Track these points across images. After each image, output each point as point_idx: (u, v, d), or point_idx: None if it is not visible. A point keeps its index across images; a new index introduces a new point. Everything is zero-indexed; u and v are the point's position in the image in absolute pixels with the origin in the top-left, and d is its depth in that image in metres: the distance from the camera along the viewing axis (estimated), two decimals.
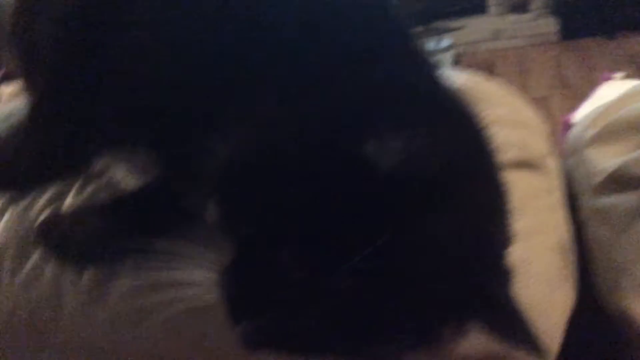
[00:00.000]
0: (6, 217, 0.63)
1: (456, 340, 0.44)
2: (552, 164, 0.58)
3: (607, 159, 0.52)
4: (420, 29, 0.52)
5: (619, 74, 1.35)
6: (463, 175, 0.41)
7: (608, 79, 1.30)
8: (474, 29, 3.17)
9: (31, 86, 0.63)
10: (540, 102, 2.19)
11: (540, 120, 0.62)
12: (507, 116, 0.59)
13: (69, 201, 0.62)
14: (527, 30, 3.18)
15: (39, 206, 0.62)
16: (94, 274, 0.57)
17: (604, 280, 0.46)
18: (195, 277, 0.45)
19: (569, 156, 0.62)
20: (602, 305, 0.46)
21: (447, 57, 2.58)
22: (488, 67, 2.70)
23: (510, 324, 0.42)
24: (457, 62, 2.69)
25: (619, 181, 0.49)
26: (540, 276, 0.47)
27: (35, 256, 0.59)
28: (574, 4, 3.04)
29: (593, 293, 0.48)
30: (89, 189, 0.62)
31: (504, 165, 0.52)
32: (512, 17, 3.25)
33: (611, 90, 0.98)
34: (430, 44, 2.47)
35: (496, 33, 3.22)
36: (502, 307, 0.42)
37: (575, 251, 0.51)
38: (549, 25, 3.12)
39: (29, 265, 0.59)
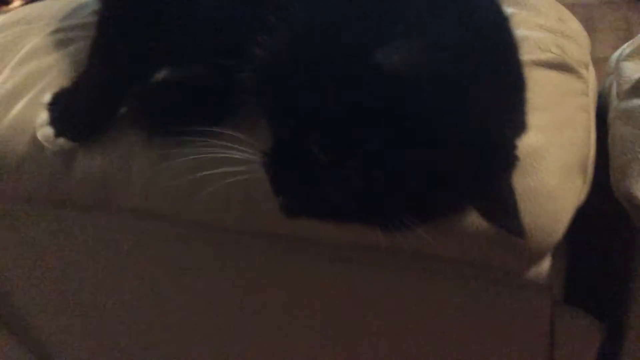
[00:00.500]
0: None
1: (457, 217, 0.51)
2: (590, 74, 0.61)
3: (638, 69, 0.55)
4: None
5: None
6: (473, 71, 0.45)
7: None
8: None
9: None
10: (604, 62, 2.13)
11: (586, 35, 0.65)
12: (553, 24, 0.61)
13: None
14: None
15: None
16: (162, 145, 0.64)
17: (618, 170, 0.50)
18: (244, 157, 0.53)
19: (608, 75, 0.64)
20: (615, 193, 0.50)
21: None
22: None
23: (500, 208, 0.47)
24: None
25: None
26: (558, 164, 0.51)
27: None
28: None
29: (609, 184, 0.52)
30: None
31: (541, 64, 0.56)
32: None
33: None
34: None
35: None
36: (496, 192, 0.47)
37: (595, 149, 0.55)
38: None
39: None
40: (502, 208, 0.47)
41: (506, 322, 0.60)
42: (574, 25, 0.64)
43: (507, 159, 0.48)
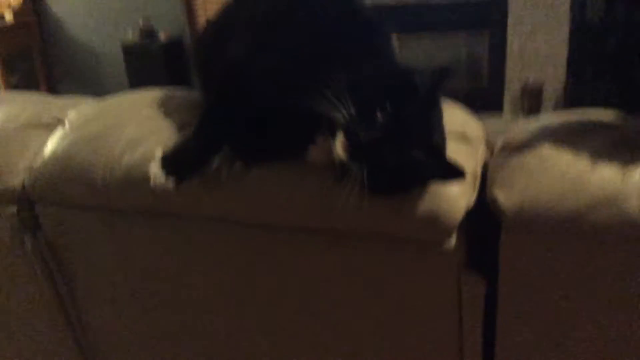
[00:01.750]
0: None
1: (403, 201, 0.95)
2: (480, 146, 1.09)
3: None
4: None
5: None
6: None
7: None
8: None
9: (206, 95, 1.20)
10: None
11: (482, 129, 1.14)
12: (457, 128, 1.11)
13: None
14: None
15: None
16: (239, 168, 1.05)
17: (488, 188, 0.96)
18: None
19: None
20: (488, 200, 0.96)
21: None
22: None
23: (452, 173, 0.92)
24: None
25: (505, 147, 1.01)
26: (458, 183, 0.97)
27: None
28: None
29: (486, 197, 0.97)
30: None
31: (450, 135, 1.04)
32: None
33: None
34: None
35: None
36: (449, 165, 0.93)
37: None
38: None
39: None
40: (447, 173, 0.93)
41: (427, 284, 1.02)
42: (474, 124, 1.14)
43: (444, 152, 0.95)
